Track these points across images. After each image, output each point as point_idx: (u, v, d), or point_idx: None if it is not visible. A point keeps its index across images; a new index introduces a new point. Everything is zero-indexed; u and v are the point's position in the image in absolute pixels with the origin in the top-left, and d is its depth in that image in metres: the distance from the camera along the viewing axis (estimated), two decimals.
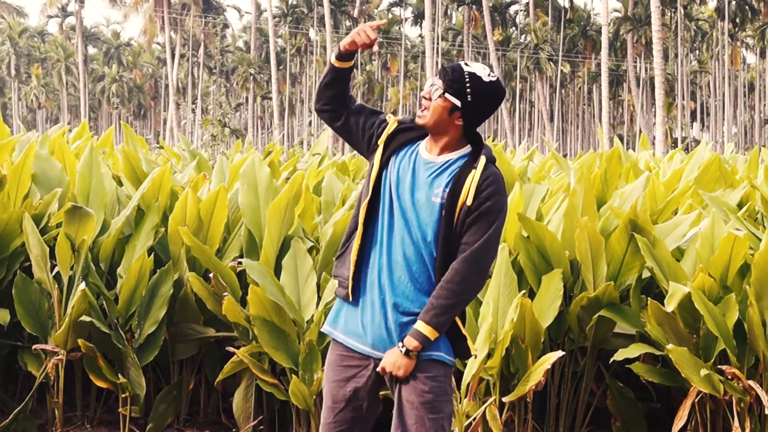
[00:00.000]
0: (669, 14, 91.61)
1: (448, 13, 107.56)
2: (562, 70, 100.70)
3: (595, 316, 6.26)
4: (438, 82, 4.02)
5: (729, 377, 5.86)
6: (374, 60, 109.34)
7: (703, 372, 5.77)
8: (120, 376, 6.47)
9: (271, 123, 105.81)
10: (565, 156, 39.06)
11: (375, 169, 4.13)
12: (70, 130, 12.68)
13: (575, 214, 6.40)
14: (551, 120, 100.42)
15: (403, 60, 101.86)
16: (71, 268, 6.50)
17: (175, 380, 6.92)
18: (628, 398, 6.57)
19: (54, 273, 6.59)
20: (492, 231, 4.00)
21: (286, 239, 6.60)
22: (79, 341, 6.33)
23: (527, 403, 6.19)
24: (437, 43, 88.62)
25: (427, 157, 4.09)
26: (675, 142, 77.34)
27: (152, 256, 6.70)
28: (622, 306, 6.37)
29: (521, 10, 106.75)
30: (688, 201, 7.48)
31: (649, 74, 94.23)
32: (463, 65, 4.01)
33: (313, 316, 6.23)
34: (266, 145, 14.15)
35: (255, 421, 6.59)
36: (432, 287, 4.04)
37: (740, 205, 7.77)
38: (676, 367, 5.82)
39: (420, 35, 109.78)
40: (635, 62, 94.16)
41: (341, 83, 4.24)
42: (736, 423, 5.87)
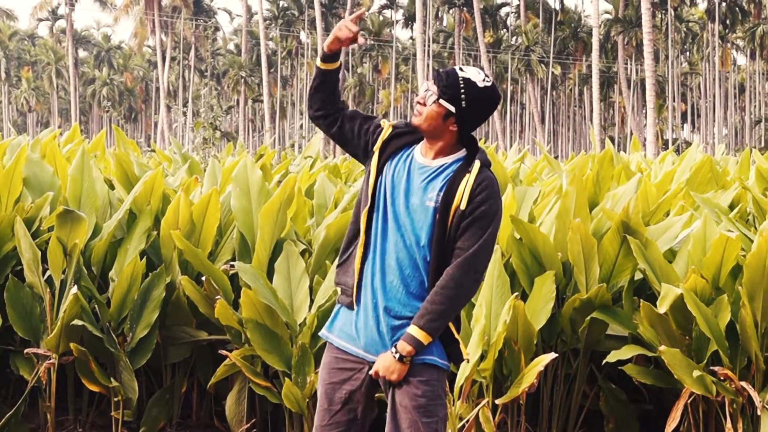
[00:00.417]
0: (659, 16, 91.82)
1: (439, 15, 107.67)
2: (553, 72, 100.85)
3: (588, 317, 6.26)
4: (432, 87, 3.98)
5: (721, 378, 5.86)
6: (365, 63, 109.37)
7: (696, 373, 5.77)
8: (112, 379, 6.45)
9: (263, 126, 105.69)
10: (556, 158, 39.05)
11: (372, 176, 4.11)
12: (61, 133, 12.65)
13: (567, 216, 6.40)
14: (542, 122, 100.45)
15: (394, 62, 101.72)
16: (63, 272, 6.48)
17: (168, 384, 6.91)
18: (620, 400, 6.58)
19: (46, 277, 6.57)
20: (487, 236, 4.00)
21: (278, 242, 6.59)
22: (71, 345, 6.32)
23: (520, 405, 6.19)
24: (428, 46, 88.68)
25: (422, 162, 4.07)
26: (666, 144, 77.51)
27: (144, 259, 6.69)
28: (615, 308, 6.38)
29: (512, 12, 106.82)
30: (680, 203, 7.48)
31: (640, 76, 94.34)
32: (457, 70, 3.97)
33: (305, 318, 6.22)
34: (258, 148, 14.12)
35: (248, 425, 6.58)
36: (425, 292, 4.02)
37: (732, 207, 7.78)
38: (669, 369, 5.82)
39: (411, 37, 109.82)
40: (626, 64, 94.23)
41: (330, 85, 4.23)
42: (728, 424, 5.88)
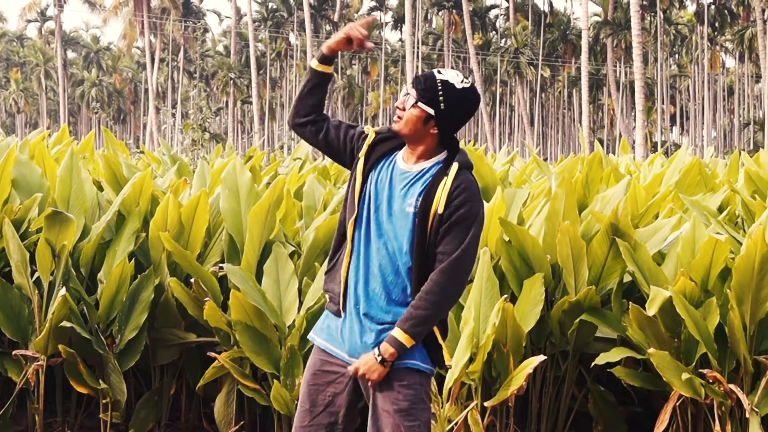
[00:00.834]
0: (648, 18, 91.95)
1: (429, 17, 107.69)
2: (542, 74, 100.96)
3: (577, 320, 6.26)
4: (411, 91, 3.98)
5: (710, 381, 5.87)
6: (354, 64, 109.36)
7: (685, 376, 5.78)
8: (101, 381, 6.43)
9: (252, 127, 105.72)
10: (545, 160, 39.12)
11: (358, 184, 4.10)
12: (50, 134, 12.62)
13: (557, 218, 6.40)
14: (531, 124, 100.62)
15: (383, 64, 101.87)
16: (51, 274, 6.46)
17: (156, 386, 6.90)
18: (609, 402, 6.58)
19: (34, 278, 6.55)
20: (469, 239, 3.94)
21: (267, 244, 6.58)
22: (60, 347, 6.30)
23: (509, 407, 6.19)
24: (417, 48, 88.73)
25: (404, 167, 4.06)
26: (655, 146, 77.64)
27: (133, 261, 6.67)
28: (604, 310, 6.38)
29: (501, 15, 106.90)
30: (669, 205, 7.49)
31: (629, 78, 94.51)
32: (435, 73, 3.96)
33: (294, 320, 6.22)
34: (247, 150, 14.10)
35: (236, 427, 6.57)
36: (407, 298, 4.01)
37: (721, 209, 7.79)
38: (658, 371, 5.82)
39: (400, 39, 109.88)
40: (615, 66, 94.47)
41: (322, 90, 4.23)
42: (717, 427, 5.88)
